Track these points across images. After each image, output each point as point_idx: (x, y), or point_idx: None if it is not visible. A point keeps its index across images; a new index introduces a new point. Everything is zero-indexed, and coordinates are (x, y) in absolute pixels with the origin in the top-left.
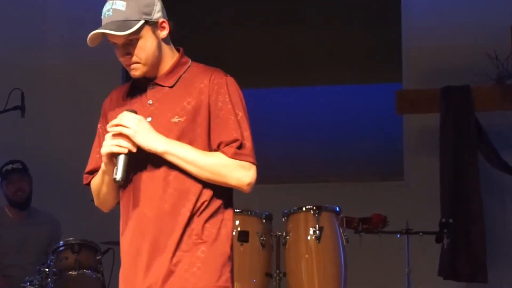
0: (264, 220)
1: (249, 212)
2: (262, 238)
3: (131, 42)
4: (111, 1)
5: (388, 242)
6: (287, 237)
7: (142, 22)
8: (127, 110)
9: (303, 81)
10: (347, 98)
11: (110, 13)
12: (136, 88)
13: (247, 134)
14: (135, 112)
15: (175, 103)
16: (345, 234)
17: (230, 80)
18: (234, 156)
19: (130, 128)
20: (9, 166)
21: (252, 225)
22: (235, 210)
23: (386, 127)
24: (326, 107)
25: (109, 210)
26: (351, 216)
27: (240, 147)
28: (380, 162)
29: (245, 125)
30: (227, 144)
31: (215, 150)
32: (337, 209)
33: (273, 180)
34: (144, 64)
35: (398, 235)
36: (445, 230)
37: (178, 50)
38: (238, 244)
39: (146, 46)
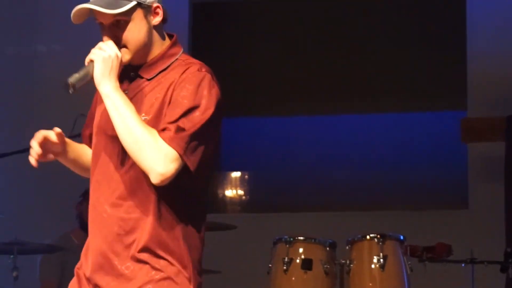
0: (328, 248)
1: (312, 240)
2: (325, 266)
3: (119, 24)
4: None
5: (453, 271)
6: (351, 265)
7: (134, 3)
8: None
9: (367, 108)
10: (411, 126)
11: (91, 4)
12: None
13: (195, 126)
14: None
15: (146, 98)
16: (409, 262)
17: (203, 75)
18: (169, 141)
19: (103, 51)
20: None
21: (315, 253)
22: (299, 238)
23: (451, 155)
24: (390, 134)
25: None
26: (415, 244)
27: (177, 130)
28: (444, 190)
29: (199, 119)
30: (165, 127)
31: None
32: (401, 237)
33: (337, 207)
34: (131, 50)
35: (463, 265)
36: (510, 260)
37: (171, 37)
38: (301, 271)
39: (135, 30)
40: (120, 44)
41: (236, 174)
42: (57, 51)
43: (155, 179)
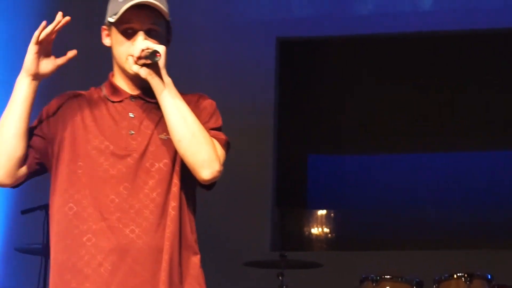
0: (415, 287)
1: (399, 279)
2: None
3: (150, 33)
4: None
5: None
6: None
7: (169, 19)
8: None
9: (456, 146)
10: (501, 164)
11: None
12: (101, 98)
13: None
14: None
15: (162, 119)
16: None
17: (214, 103)
18: (223, 145)
19: (163, 48)
20: None
21: None
22: (386, 276)
23: None
24: (479, 172)
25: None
26: (503, 284)
27: (225, 139)
28: None
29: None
30: (213, 132)
31: None
32: (489, 276)
33: (424, 246)
34: None
35: None
36: None
37: None
38: None
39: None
40: None
41: (322, 212)
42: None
43: (207, 174)
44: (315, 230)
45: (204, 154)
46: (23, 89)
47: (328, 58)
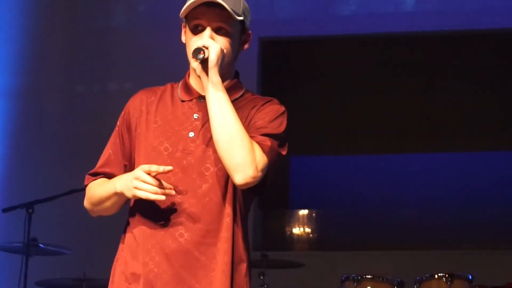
0: (396, 287)
1: (380, 279)
2: None
3: (219, 31)
4: None
5: None
6: None
7: (241, 18)
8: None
9: (435, 147)
10: (481, 164)
11: None
12: (173, 96)
13: (277, 150)
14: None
15: None
16: None
17: (283, 110)
18: (266, 150)
19: (216, 47)
20: None
21: None
22: (367, 276)
23: None
24: (459, 173)
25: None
26: (484, 284)
27: (272, 145)
28: None
29: (277, 145)
30: (259, 137)
31: None
32: (470, 277)
33: (406, 246)
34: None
35: None
36: None
37: (236, 74)
38: None
39: (229, 44)
40: None
41: (304, 212)
42: (128, 89)
43: (241, 179)
44: (296, 230)
45: (238, 158)
46: (117, 197)
47: (310, 58)
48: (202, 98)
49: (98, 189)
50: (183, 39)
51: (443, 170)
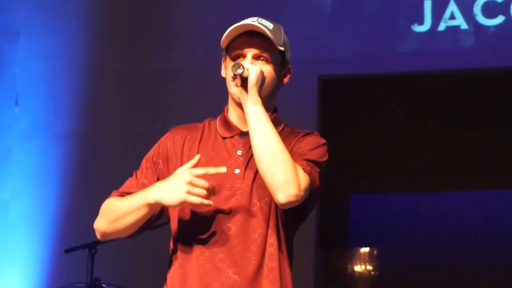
0: None
1: None
2: None
3: (257, 58)
4: (256, 17)
5: None
6: None
7: (282, 49)
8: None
9: (495, 184)
10: None
11: (256, 23)
12: (214, 133)
13: (318, 177)
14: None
15: None
16: None
17: (324, 141)
18: (308, 171)
19: (256, 68)
20: None
21: None
22: None
23: None
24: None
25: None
26: None
27: (312, 167)
28: None
29: (318, 172)
30: (305, 158)
31: None
32: None
33: (472, 285)
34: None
35: None
36: None
37: (275, 109)
38: None
39: (270, 75)
40: None
41: (365, 250)
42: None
43: (284, 198)
44: (358, 268)
45: (280, 176)
46: (151, 212)
47: (370, 95)
48: (243, 135)
49: (121, 203)
50: (222, 73)
51: (503, 207)
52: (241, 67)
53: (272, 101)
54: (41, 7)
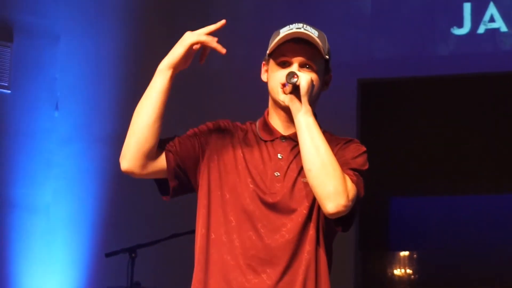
0: None
1: None
2: None
3: (303, 67)
4: (301, 23)
5: None
6: None
7: (327, 57)
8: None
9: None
10: None
11: (301, 29)
12: (255, 135)
13: (362, 187)
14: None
15: None
16: None
17: (365, 149)
18: (355, 182)
19: (307, 76)
20: None
21: None
22: None
23: None
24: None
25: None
26: None
27: (358, 178)
28: None
29: (362, 182)
30: (350, 167)
31: None
32: None
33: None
34: None
35: None
36: None
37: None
38: None
39: (315, 80)
40: None
41: (404, 253)
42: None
43: (333, 208)
44: (397, 271)
45: (330, 186)
46: (164, 80)
47: (409, 99)
48: (284, 138)
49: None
50: (263, 77)
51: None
52: (295, 76)
53: (314, 108)
54: (80, 11)
